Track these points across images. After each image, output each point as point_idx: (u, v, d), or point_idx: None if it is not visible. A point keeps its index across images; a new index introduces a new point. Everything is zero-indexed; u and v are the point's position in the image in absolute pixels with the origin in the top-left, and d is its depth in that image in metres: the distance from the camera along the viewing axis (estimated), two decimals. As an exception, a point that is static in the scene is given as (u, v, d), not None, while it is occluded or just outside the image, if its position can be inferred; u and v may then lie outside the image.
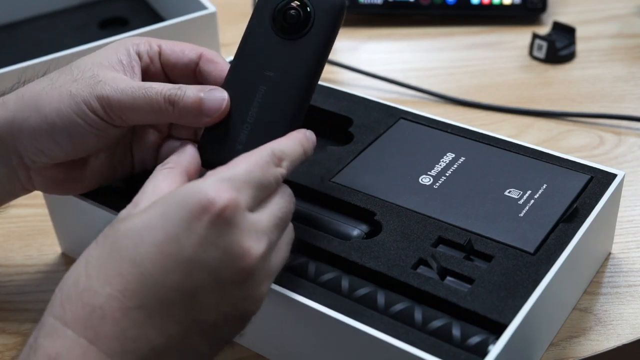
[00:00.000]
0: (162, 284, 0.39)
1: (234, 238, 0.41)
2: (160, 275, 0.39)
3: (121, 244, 0.40)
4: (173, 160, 0.47)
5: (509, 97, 0.82)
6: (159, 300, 0.40)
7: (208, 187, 0.40)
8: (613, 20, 0.95)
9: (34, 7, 0.94)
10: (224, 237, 0.40)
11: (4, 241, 0.65)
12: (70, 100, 0.49)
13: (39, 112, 0.49)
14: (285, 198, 0.45)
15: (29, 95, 0.50)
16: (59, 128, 0.49)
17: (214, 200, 0.40)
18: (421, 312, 0.47)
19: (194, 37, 0.80)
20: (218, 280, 0.40)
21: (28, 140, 0.50)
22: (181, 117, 0.49)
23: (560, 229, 0.52)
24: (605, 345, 0.54)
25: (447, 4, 0.94)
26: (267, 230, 0.43)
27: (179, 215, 0.40)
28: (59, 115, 0.49)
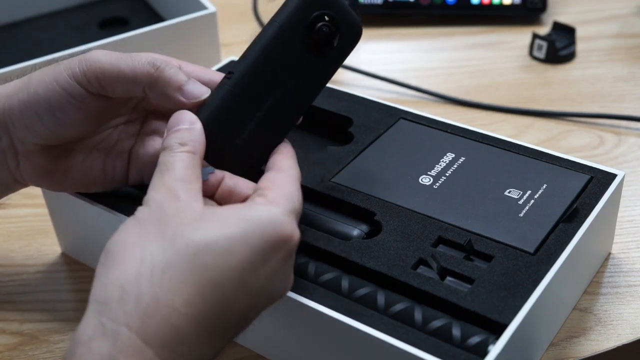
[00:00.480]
0: (233, 308, 0.40)
1: (292, 265, 0.45)
2: (235, 301, 0.40)
3: (204, 262, 0.40)
4: (190, 142, 0.46)
5: (509, 97, 0.82)
6: (224, 324, 0.41)
7: (285, 221, 0.43)
8: (613, 20, 0.95)
9: (34, 7, 0.94)
10: (289, 267, 0.44)
11: (4, 241, 0.65)
12: (54, 69, 0.50)
13: (28, 87, 0.50)
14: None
15: (28, 75, 0.51)
16: (41, 98, 0.49)
17: (292, 237, 0.43)
18: (421, 312, 0.47)
19: (194, 37, 0.80)
20: (271, 300, 0.44)
21: (16, 115, 0.50)
22: (159, 88, 0.49)
23: (560, 229, 0.52)
24: (605, 345, 0.54)
25: (447, 4, 0.94)
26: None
27: (262, 246, 0.41)
28: (42, 84, 0.49)
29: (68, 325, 0.58)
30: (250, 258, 0.41)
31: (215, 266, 0.39)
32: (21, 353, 0.56)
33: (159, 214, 0.42)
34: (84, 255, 0.62)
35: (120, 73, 0.49)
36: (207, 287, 0.39)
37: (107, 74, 0.49)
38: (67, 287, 0.61)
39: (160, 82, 0.49)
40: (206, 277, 0.39)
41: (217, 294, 0.39)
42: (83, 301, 0.60)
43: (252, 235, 0.41)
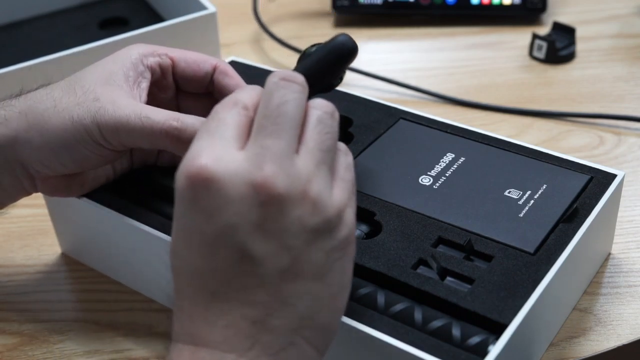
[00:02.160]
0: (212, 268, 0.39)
1: (238, 184, 0.38)
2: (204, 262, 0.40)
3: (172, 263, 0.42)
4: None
5: (509, 97, 0.82)
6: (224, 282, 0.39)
7: (186, 163, 0.39)
8: (613, 20, 0.95)
9: (34, 7, 0.94)
10: (229, 190, 0.38)
11: (4, 241, 0.65)
12: (72, 128, 0.49)
13: (42, 135, 0.50)
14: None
15: (31, 116, 0.50)
16: (62, 152, 0.50)
17: (194, 168, 0.38)
18: (421, 312, 0.47)
19: (194, 37, 0.80)
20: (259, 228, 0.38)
21: (32, 156, 0.51)
22: (180, 151, 0.49)
23: (560, 229, 0.52)
24: (605, 346, 0.54)
25: (447, 4, 0.94)
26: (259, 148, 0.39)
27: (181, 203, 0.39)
28: (62, 141, 0.50)
29: (68, 326, 0.58)
30: (182, 225, 0.40)
31: (173, 258, 0.41)
32: (21, 353, 0.56)
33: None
34: (84, 256, 0.62)
35: (136, 139, 0.49)
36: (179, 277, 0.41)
37: (125, 140, 0.49)
38: (67, 287, 0.61)
39: (179, 147, 0.49)
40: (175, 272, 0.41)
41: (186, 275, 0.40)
42: (83, 301, 0.60)
43: (176, 204, 0.40)
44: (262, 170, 0.38)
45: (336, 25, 0.95)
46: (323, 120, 0.42)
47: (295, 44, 0.89)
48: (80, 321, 0.58)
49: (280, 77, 0.41)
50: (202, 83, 0.54)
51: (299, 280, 0.39)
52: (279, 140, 0.39)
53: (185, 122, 0.49)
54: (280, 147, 0.39)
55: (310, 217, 0.39)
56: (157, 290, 0.58)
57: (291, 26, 0.96)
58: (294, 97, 0.41)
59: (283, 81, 0.41)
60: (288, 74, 0.42)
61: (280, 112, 0.40)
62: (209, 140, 0.39)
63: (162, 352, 0.55)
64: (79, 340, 0.56)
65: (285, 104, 0.40)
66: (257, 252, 0.38)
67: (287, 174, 0.38)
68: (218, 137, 0.39)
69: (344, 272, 0.41)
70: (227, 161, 0.38)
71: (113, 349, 0.56)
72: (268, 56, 0.90)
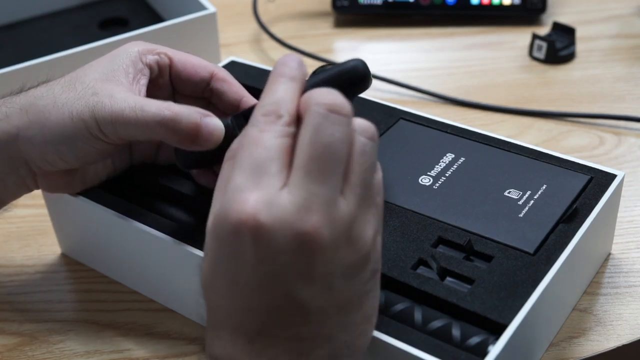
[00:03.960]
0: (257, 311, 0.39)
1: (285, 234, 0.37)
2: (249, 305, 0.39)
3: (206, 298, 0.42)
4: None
5: (509, 97, 0.82)
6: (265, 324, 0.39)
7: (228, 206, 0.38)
8: (613, 20, 0.95)
9: (34, 7, 0.94)
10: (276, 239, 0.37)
11: (3, 241, 0.65)
12: (72, 124, 0.49)
13: (43, 132, 0.50)
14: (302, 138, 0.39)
15: (32, 113, 0.51)
16: (63, 148, 0.50)
17: (240, 218, 0.37)
18: (421, 312, 0.47)
19: (194, 38, 0.80)
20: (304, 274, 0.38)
21: (34, 153, 0.51)
22: (175, 143, 0.49)
23: (560, 230, 0.52)
24: (605, 346, 0.54)
25: (447, 4, 0.94)
26: (308, 192, 0.38)
27: (224, 251, 0.39)
28: (62, 136, 0.50)
29: (68, 326, 0.58)
30: (226, 269, 0.39)
31: (210, 294, 0.41)
32: (21, 353, 0.56)
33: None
34: (84, 256, 0.62)
35: (132, 131, 0.49)
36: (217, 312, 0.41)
37: (122, 133, 0.49)
38: (66, 287, 0.61)
39: (174, 139, 0.49)
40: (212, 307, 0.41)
41: (226, 313, 0.40)
42: (83, 301, 0.60)
43: (215, 250, 0.39)
44: (309, 220, 0.37)
45: (336, 25, 0.95)
46: (366, 151, 0.40)
47: (295, 44, 0.89)
48: (80, 321, 0.58)
49: (327, 108, 0.39)
50: (196, 87, 0.54)
51: (342, 313, 0.40)
52: (326, 186, 0.38)
53: (177, 112, 0.48)
54: (327, 193, 0.38)
55: (351, 257, 0.39)
56: (157, 290, 0.58)
57: (291, 26, 0.96)
58: (342, 133, 0.39)
59: (332, 114, 0.39)
60: (336, 103, 0.39)
61: (329, 154, 0.38)
62: (255, 178, 0.38)
63: (162, 352, 0.55)
64: (79, 340, 0.56)
65: (334, 144, 0.38)
66: (302, 295, 0.39)
67: (333, 220, 0.38)
68: (264, 173, 0.38)
69: (375, 295, 0.43)
70: (276, 208, 0.37)
71: (113, 349, 0.56)
72: (268, 56, 0.90)
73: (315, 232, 0.37)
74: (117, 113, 0.49)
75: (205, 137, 0.48)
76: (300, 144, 0.38)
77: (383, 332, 0.46)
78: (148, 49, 0.54)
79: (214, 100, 0.55)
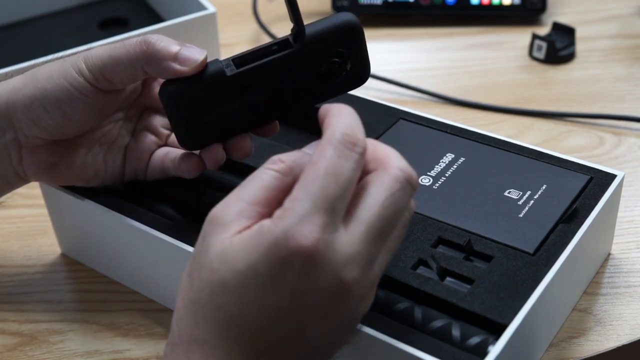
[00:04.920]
0: (271, 334, 0.39)
1: (330, 277, 0.38)
2: (268, 326, 0.39)
3: (222, 301, 0.39)
4: (291, 162, 0.41)
5: (509, 97, 0.82)
6: (273, 347, 0.39)
7: (291, 234, 0.38)
8: (613, 20, 0.95)
9: (34, 7, 0.95)
10: (321, 278, 0.38)
11: (3, 241, 0.65)
12: (60, 65, 0.50)
13: (34, 81, 0.51)
14: (376, 196, 0.40)
15: (30, 73, 0.52)
16: (49, 94, 0.50)
17: (301, 247, 0.38)
18: (421, 313, 0.47)
19: (194, 38, 0.80)
20: (322, 315, 0.39)
21: (21, 110, 0.51)
22: (156, 61, 0.49)
23: (560, 230, 0.52)
24: (605, 346, 0.54)
25: (447, 4, 0.94)
26: (363, 249, 0.39)
27: (270, 270, 0.38)
28: (49, 80, 0.50)
29: (68, 326, 0.58)
30: (263, 283, 0.38)
31: (231, 302, 0.39)
32: (21, 354, 0.56)
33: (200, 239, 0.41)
34: (84, 256, 0.62)
35: (117, 61, 0.49)
36: (232, 321, 0.39)
37: (108, 67, 0.50)
38: (66, 287, 0.61)
39: (154, 56, 0.49)
40: (226, 313, 0.39)
41: (239, 325, 0.39)
42: (82, 301, 0.60)
43: (259, 264, 0.38)
44: (353, 272, 0.39)
45: (336, 25, 0.95)
46: (408, 225, 0.43)
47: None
48: (80, 321, 0.58)
49: (407, 178, 0.41)
50: None
51: (331, 350, 0.42)
52: (378, 248, 0.40)
53: (160, 36, 0.50)
54: (375, 254, 0.40)
55: (361, 312, 0.41)
56: (157, 290, 0.58)
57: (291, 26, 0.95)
58: (407, 204, 0.41)
59: (408, 185, 0.41)
60: (413, 175, 0.41)
61: (393, 220, 0.40)
62: (323, 213, 0.38)
63: (161, 352, 0.55)
64: (79, 340, 0.56)
65: (399, 213, 0.41)
66: (310, 333, 0.40)
67: (367, 279, 0.40)
68: (333, 212, 0.38)
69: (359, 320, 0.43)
70: (333, 251, 0.38)
71: (113, 349, 0.56)
72: (268, 56, 0.90)
73: (352, 284, 0.39)
74: (107, 49, 0.50)
75: (185, 55, 0.49)
76: (371, 200, 0.40)
77: (383, 332, 0.46)
78: None
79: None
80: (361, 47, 0.51)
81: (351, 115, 0.42)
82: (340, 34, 0.50)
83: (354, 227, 0.39)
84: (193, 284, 0.40)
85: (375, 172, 0.41)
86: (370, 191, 0.40)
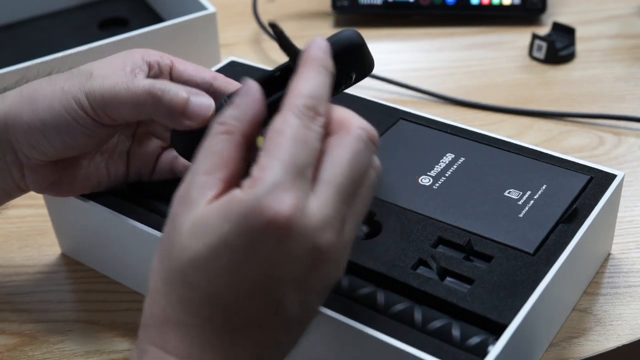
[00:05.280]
0: (246, 308, 0.39)
1: (305, 245, 0.38)
2: (243, 301, 0.39)
3: (192, 279, 0.39)
4: (230, 120, 0.41)
5: (509, 97, 0.82)
6: (246, 322, 0.39)
7: (264, 203, 0.37)
8: (613, 20, 0.95)
9: (34, 7, 0.94)
10: (296, 247, 0.38)
11: (3, 241, 0.65)
12: (61, 96, 0.49)
13: (33, 107, 0.50)
14: (341, 156, 0.40)
15: (26, 91, 0.51)
16: (49, 124, 0.49)
17: (275, 217, 0.37)
18: (421, 313, 0.47)
19: (194, 38, 0.80)
20: (299, 284, 0.39)
21: (21, 134, 0.50)
22: (163, 115, 0.48)
23: (560, 230, 0.52)
24: (605, 346, 0.54)
25: (447, 4, 0.94)
26: (335, 211, 0.39)
27: (242, 242, 0.37)
28: (50, 111, 0.49)
29: (67, 326, 0.58)
30: (236, 258, 0.38)
31: (204, 278, 0.39)
32: (21, 353, 0.56)
33: (169, 222, 0.41)
34: (84, 256, 0.62)
35: (120, 103, 0.49)
36: (204, 299, 0.39)
37: (110, 107, 0.49)
38: (66, 287, 0.61)
39: (161, 109, 0.48)
40: (199, 291, 0.39)
41: (213, 302, 0.39)
42: (82, 301, 0.60)
43: (231, 235, 0.38)
44: (327, 237, 0.38)
45: (336, 25, 0.95)
46: (375, 186, 0.42)
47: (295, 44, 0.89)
48: (80, 321, 0.58)
49: (368, 136, 0.41)
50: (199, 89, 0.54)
51: (301, 325, 0.41)
52: (348, 209, 0.40)
53: (168, 85, 0.49)
54: (345, 215, 0.40)
55: (336, 276, 0.41)
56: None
57: (291, 26, 0.96)
58: (371, 163, 0.41)
59: (370, 143, 0.41)
60: (374, 133, 0.41)
61: (360, 179, 0.40)
62: (294, 179, 0.38)
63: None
64: (78, 340, 0.56)
65: (366, 172, 0.41)
66: (286, 302, 0.39)
67: (340, 241, 0.40)
68: (303, 177, 0.38)
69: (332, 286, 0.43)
70: (306, 218, 0.38)
71: (112, 349, 0.56)
72: (268, 56, 0.90)
73: (327, 250, 0.39)
74: (109, 86, 0.49)
75: (193, 111, 0.48)
76: (336, 162, 0.39)
77: (383, 332, 0.46)
78: (150, 52, 0.54)
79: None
80: (364, 59, 0.50)
81: (315, 79, 0.41)
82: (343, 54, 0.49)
83: (323, 191, 0.39)
84: (164, 264, 0.40)
85: (337, 134, 0.40)
86: (335, 153, 0.40)
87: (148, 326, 0.40)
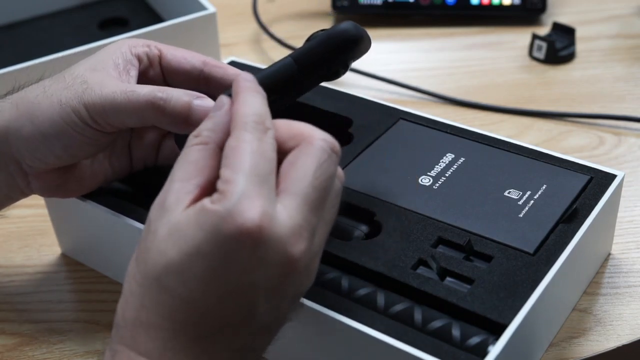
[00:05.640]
0: (219, 314, 0.39)
1: (277, 252, 0.39)
2: (217, 307, 0.39)
3: (167, 284, 0.39)
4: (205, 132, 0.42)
5: (509, 97, 0.82)
6: (220, 327, 0.40)
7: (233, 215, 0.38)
8: (613, 20, 0.95)
9: (34, 7, 0.94)
10: (268, 254, 0.39)
11: (3, 241, 0.65)
12: (60, 110, 0.49)
13: (32, 121, 0.49)
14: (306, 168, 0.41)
15: (22, 105, 0.50)
16: (52, 137, 0.49)
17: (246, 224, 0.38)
18: (421, 313, 0.47)
19: (194, 38, 0.80)
20: (271, 291, 0.40)
21: (23, 148, 0.50)
22: (166, 123, 0.49)
23: (560, 230, 0.52)
24: (605, 346, 0.54)
25: (447, 4, 0.94)
26: (303, 220, 0.40)
27: (216, 252, 0.38)
28: (51, 125, 0.49)
29: (68, 326, 0.58)
30: (210, 265, 0.39)
31: (179, 283, 0.39)
32: (21, 354, 0.56)
33: (146, 227, 0.41)
34: (84, 256, 0.62)
35: (121, 112, 0.49)
36: (176, 304, 0.39)
37: (111, 116, 0.49)
38: (66, 287, 0.61)
39: (164, 118, 0.48)
40: (174, 295, 0.39)
41: (187, 307, 0.39)
42: (82, 301, 0.60)
43: (205, 243, 0.39)
44: (299, 246, 0.40)
45: (336, 25, 0.95)
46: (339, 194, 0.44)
47: (295, 44, 0.89)
48: (80, 321, 0.58)
49: (331, 147, 0.42)
50: (189, 77, 0.53)
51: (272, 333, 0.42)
52: (316, 218, 0.41)
53: (169, 93, 0.48)
54: (315, 224, 0.41)
55: (306, 285, 0.43)
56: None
57: (291, 26, 0.96)
58: (335, 173, 0.42)
59: (334, 154, 0.42)
60: (336, 145, 0.42)
61: (326, 188, 0.41)
62: (259, 189, 0.39)
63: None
64: (79, 340, 0.56)
65: (331, 181, 0.42)
66: (260, 309, 0.40)
67: (310, 251, 0.41)
68: (267, 185, 0.39)
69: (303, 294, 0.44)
70: (277, 226, 0.39)
71: (113, 349, 0.56)
72: (268, 56, 0.90)
73: (299, 258, 0.40)
74: (108, 97, 0.48)
75: (197, 117, 0.48)
76: (301, 173, 0.40)
77: (383, 333, 0.46)
78: (138, 43, 0.53)
79: (211, 90, 0.54)
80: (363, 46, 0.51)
81: (253, 100, 0.43)
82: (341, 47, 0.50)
83: (291, 201, 0.40)
84: (140, 268, 0.40)
85: (299, 147, 0.42)
86: (299, 165, 0.41)
87: (120, 327, 0.41)
